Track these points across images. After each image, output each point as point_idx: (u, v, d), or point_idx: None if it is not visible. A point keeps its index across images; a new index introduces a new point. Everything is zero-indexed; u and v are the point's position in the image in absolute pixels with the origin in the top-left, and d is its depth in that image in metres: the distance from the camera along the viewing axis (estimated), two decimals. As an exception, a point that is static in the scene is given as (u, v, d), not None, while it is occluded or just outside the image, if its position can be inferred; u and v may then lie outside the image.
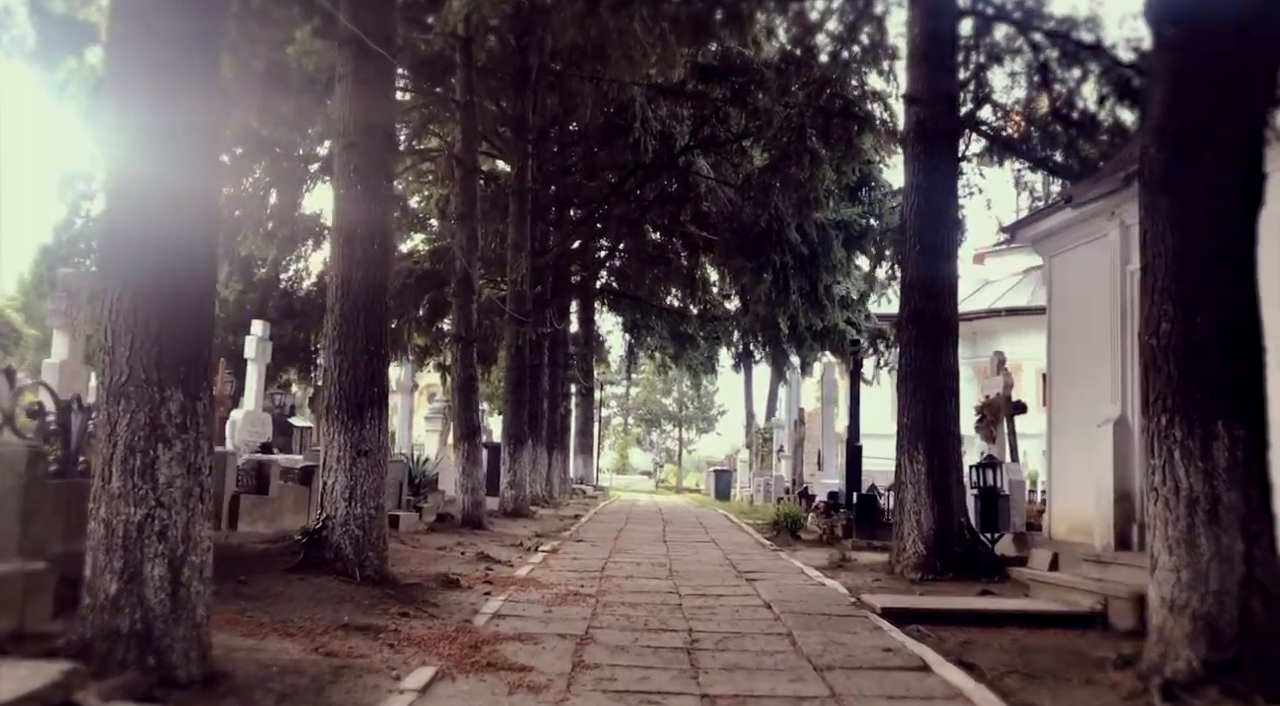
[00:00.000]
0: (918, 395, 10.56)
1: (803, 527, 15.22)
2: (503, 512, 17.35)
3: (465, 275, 13.95)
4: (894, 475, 10.93)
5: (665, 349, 33.40)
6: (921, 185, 10.70)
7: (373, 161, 7.70)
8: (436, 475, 15.50)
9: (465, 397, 13.88)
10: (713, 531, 16.27)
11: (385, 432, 7.63)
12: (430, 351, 30.16)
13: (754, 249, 17.63)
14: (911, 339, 10.66)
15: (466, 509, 13.82)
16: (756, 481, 28.83)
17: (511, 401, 17.53)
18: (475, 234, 14.04)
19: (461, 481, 13.89)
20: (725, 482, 36.52)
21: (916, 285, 10.69)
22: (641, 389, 66.14)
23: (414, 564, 9.08)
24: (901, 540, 10.47)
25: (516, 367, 17.59)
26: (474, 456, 13.90)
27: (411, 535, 11.75)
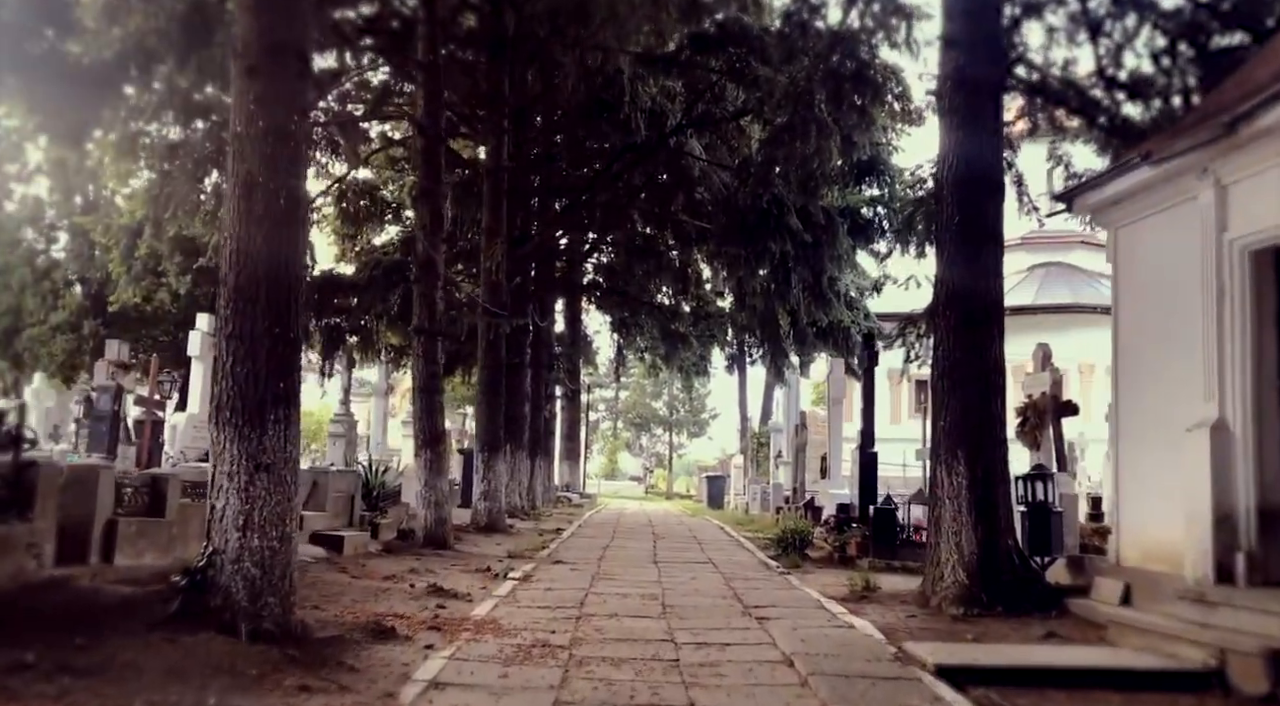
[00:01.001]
0: (956, 393, 8.90)
1: (810, 544, 13.54)
2: (475, 527, 15.62)
3: (428, 259, 12.24)
4: (928, 488, 9.27)
5: (656, 349, 31.75)
6: (960, 144, 9.05)
7: (281, 92, 5.99)
8: (399, 487, 13.78)
9: (428, 399, 12.17)
10: (709, 548, 14.57)
11: (295, 441, 5.91)
12: (405, 351, 28.45)
13: (752, 235, 15.96)
14: (949, 327, 9.00)
15: (429, 526, 12.10)
16: (752, 489, 27.15)
17: (485, 403, 15.82)
18: (440, 211, 12.35)
19: (424, 494, 12.17)
20: (718, 489, 34.82)
21: (955, 263, 9.04)
22: (631, 392, 64.45)
23: (346, 602, 7.35)
24: (938, 566, 8.80)
25: (491, 366, 15.88)
26: (437, 466, 12.18)
27: (359, 560, 10.01)
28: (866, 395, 13.78)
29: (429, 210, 12.28)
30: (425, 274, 12.23)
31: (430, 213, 12.26)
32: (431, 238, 12.23)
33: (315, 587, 7.79)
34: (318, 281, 20.55)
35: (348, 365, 25.47)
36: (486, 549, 13.04)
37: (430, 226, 12.26)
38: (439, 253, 12.32)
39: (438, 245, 12.31)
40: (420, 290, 12.28)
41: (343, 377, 26.65)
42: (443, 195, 12.51)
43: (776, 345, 20.54)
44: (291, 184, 6.00)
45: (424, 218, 12.36)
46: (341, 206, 22.72)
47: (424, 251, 12.24)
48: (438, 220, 12.34)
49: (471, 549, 12.82)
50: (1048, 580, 8.88)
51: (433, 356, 12.20)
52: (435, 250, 12.21)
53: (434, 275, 12.22)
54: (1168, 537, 7.57)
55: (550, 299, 26.89)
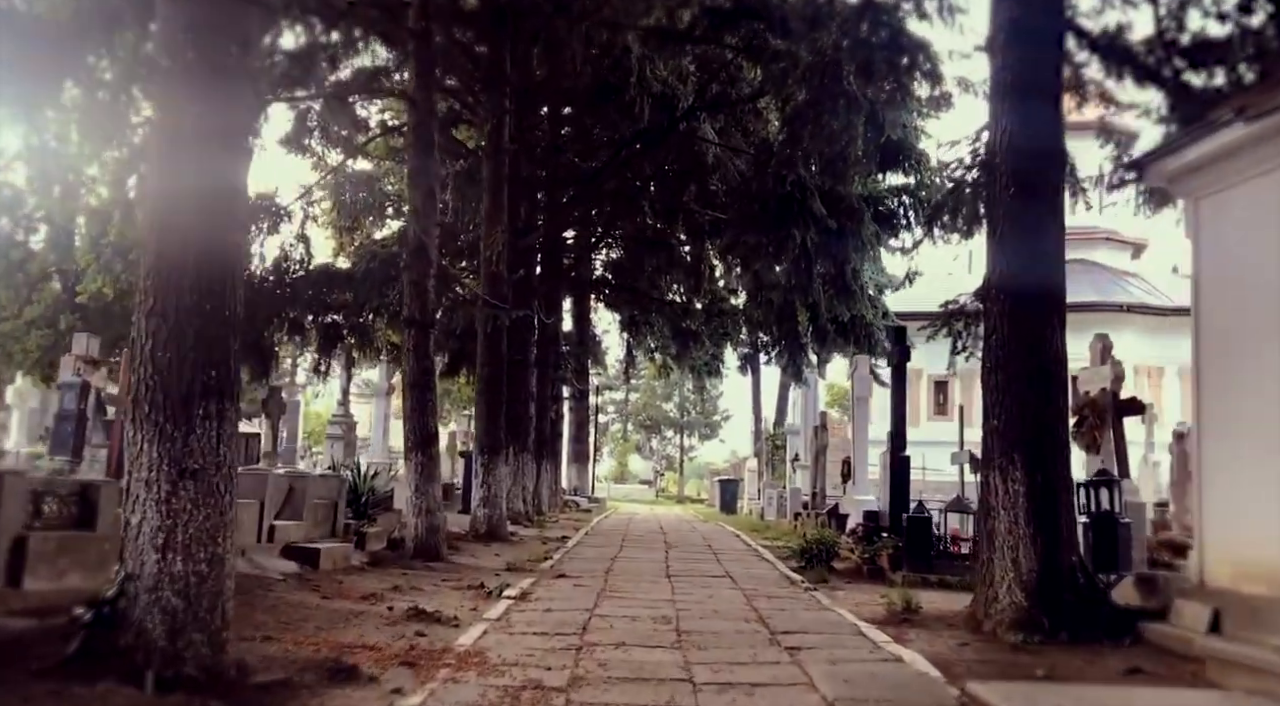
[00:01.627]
0: (1012, 389, 7.80)
1: (836, 555, 12.44)
2: (473, 535, 14.57)
3: (419, 244, 11.19)
4: (979, 496, 8.17)
5: (666, 349, 30.68)
6: (1015, 106, 7.96)
7: (216, 17, 4.94)
8: (390, 492, 12.72)
9: (419, 397, 11.12)
10: (726, 559, 13.48)
11: (231, 441, 4.86)
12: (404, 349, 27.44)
13: (771, 223, 14.86)
14: (1002, 313, 7.90)
15: (420, 536, 11.06)
16: (768, 493, 26.04)
17: (485, 403, 14.78)
18: (433, 192, 11.31)
19: (415, 501, 11.12)
20: (731, 494, 33.70)
21: (1009, 241, 7.94)
22: (641, 394, 63.39)
23: (308, 631, 6.29)
24: (991, 585, 7.70)
25: (491, 363, 14.84)
26: (429, 470, 11.13)
27: (336, 575, 8.95)
28: (897, 394, 12.68)
29: (421, 190, 11.24)
30: (416, 260, 11.19)
31: (422, 193, 11.22)
32: (424, 220, 11.19)
33: (275, 612, 6.74)
34: (312, 275, 19.53)
35: (346, 364, 24.45)
36: (484, 560, 11.98)
37: (422, 208, 11.22)
38: (431, 237, 11.29)
39: (430, 229, 11.27)
40: (411, 278, 11.23)
41: (341, 377, 25.65)
42: (436, 174, 11.48)
43: (795, 342, 19.43)
44: (227, 128, 4.95)
45: (415, 199, 11.32)
46: (339, 198, 21.75)
47: (415, 235, 11.20)
48: (430, 201, 11.30)
49: (467, 560, 11.76)
50: (1115, 601, 7.78)
51: (424, 350, 11.16)
52: (427, 234, 11.17)
53: (426, 262, 11.17)
54: (1270, 556, 6.47)
55: (557, 296, 25.85)
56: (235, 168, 5.08)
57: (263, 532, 8.73)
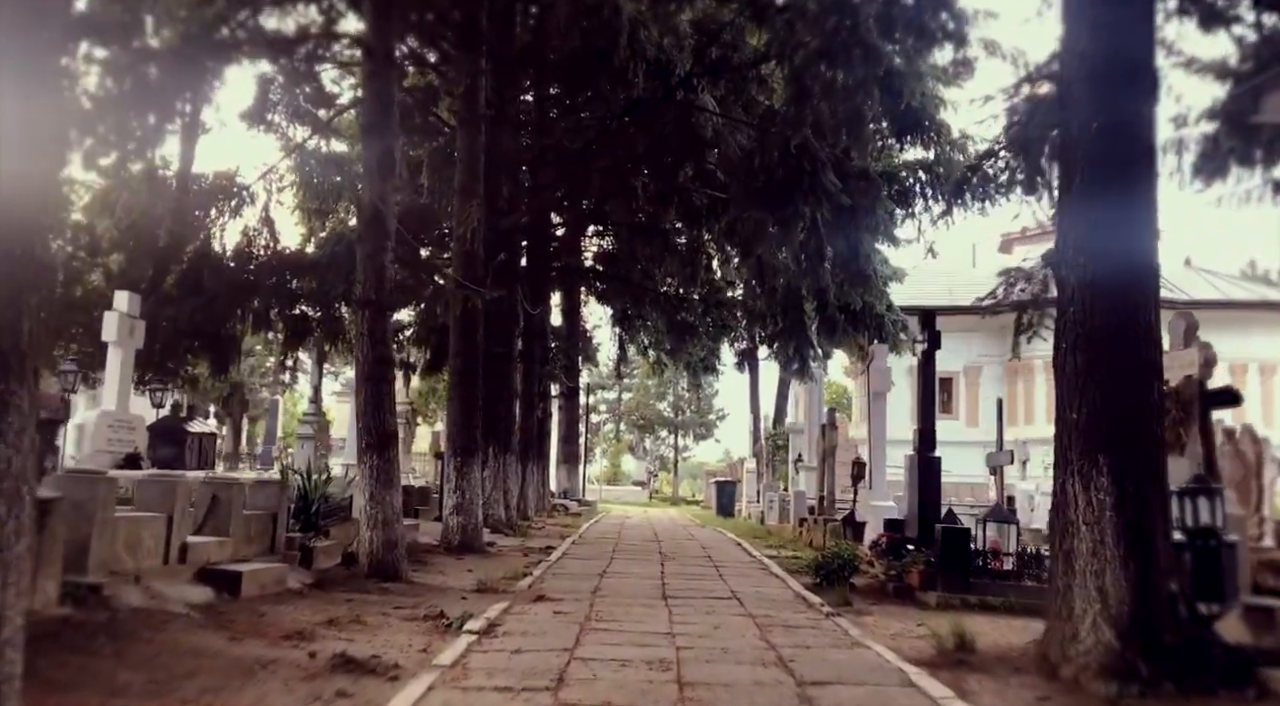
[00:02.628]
0: (1095, 376, 6.25)
1: (856, 570, 10.90)
2: (445, 548, 13.00)
3: (375, 212, 9.61)
4: (1052, 508, 6.63)
5: (660, 344, 29.16)
6: (1096, 22, 6.41)
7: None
8: (349, 500, 11.11)
9: (375, 390, 9.55)
10: (729, 573, 11.92)
11: (20, 438, 3.28)
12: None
13: (777, 198, 13.31)
14: (1083, 282, 6.35)
15: (375, 551, 9.48)
16: (769, 496, 24.49)
17: (459, 398, 13.21)
18: (392, 153, 9.74)
19: (369, 511, 9.54)
20: (728, 496, 32.15)
21: (1089, 193, 6.39)
22: (635, 393, 61.84)
23: (186, 694, 4.71)
24: (1070, 619, 6.16)
25: (465, 352, 13.27)
26: (387, 475, 9.55)
27: (259, 605, 7.36)
28: (924, 386, 11.14)
29: (377, 149, 9.66)
30: (371, 231, 9.61)
31: (378, 153, 9.64)
32: (380, 184, 9.62)
33: (152, 664, 5.16)
34: (274, 262, 17.94)
35: (318, 359, 22.86)
36: (452, 578, 10.40)
37: (379, 170, 9.64)
38: (389, 205, 9.72)
39: (388, 195, 9.69)
40: (365, 251, 9.65)
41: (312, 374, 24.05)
42: (395, 131, 9.91)
43: (801, 334, 17.87)
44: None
45: (370, 159, 9.75)
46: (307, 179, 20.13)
47: (370, 202, 9.63)
48: (388, 163, 9.72)
49: (432, 579, 10.18)
50: (1224, 640, 6.25)
51: (381, 335, 9.58)
52: (384, 200, 9.59)
53: (382, 232, 9.60)
54: None
55: (544, 286, 24.30)
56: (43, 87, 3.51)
57: (171, 553, 7.16)
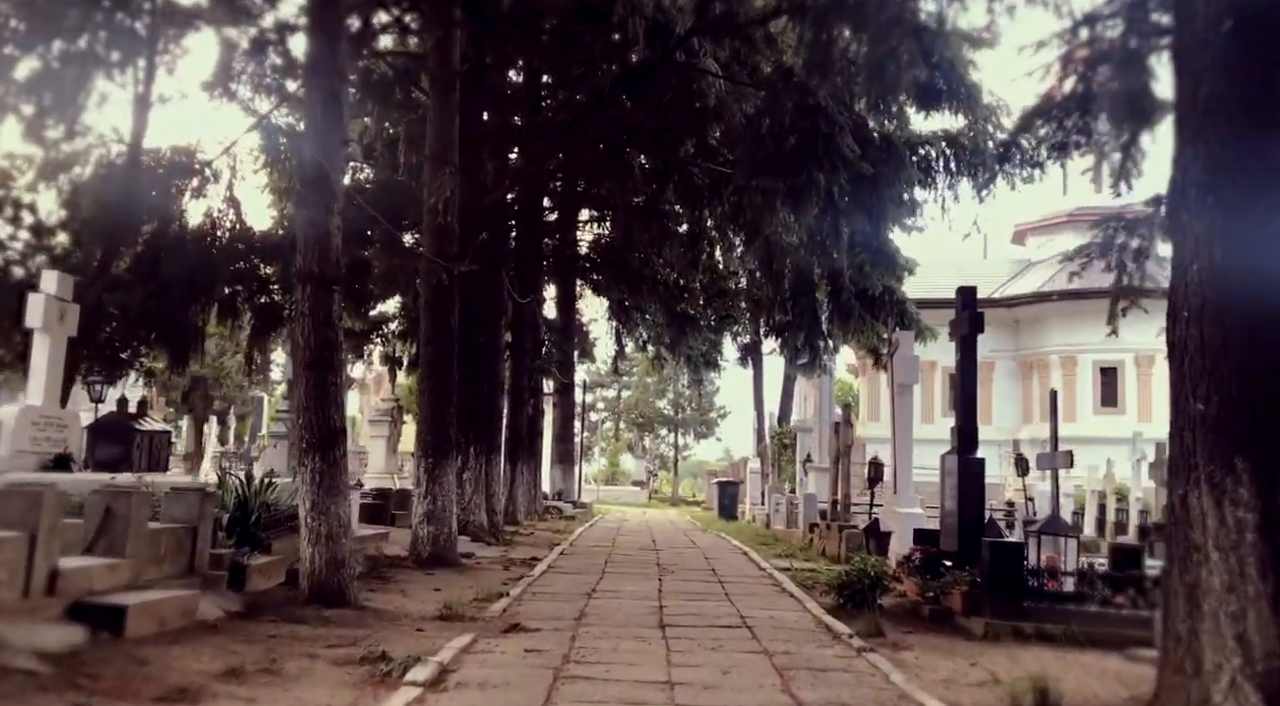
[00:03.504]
0: (1229, 354, 4.74)
1: (885, 589, 9.37)
2: (414, 560, 11.48)
3: (317, 169, 8.08)
4: (1168, 525, 5.11)
5: (660, 338, 27.72)
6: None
7: None
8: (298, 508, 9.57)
9: (318, 380, 8.03)
10: (737, 591, 10.39)
11: None
12: (367, 336, 24.38)
13: (790, 165, 11.78)
14: (1210, 230, 4.83)
15: (318, 571, 7.96)
16: (775, 499, 22.96)
17: (430, 391, 11.69)
18: (338, 96, 8.20)
19: (310, 523, 8.01)
20: (730, 497, 30.57)
21: (1223, 109, 4.86)
22: (634, 390, 60.33)
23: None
24: (1197, 676, 4.66)
25: (438, 338, 11.76)
26: (332, 481, 8.02)
27: (144, 648, 5.80)
28: (964, 377, 9.60)
29: (319, 94, 8.13)
30: (312, 191, 8.09)
31: (322, 97, 8.11)
32: (324, 136, 8.09)
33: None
34: (236, 245, 16.42)
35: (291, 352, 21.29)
36: (413, 600, 8.89)
37: (322, 119, 8.11)
38: (336, 161, 8.21)
39: (334, 148, 8.17)
40: (306, 216, 8.13)
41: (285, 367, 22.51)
42: (344, 74, 8.38)
43: (812, 322, 16.36)
44: None
45: (313, 106, 8.23)
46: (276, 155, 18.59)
47: (311, 158, 8.10)
48: (334, 110, 8.17)
49: (388, 602, 8.66)
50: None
51: (325, 315, 8.05)
52: (329, 157, 8.07)
53: (326, 193, 8.07)
54: None
55: (537, 276, 22.75)
56: None
57: (34, 582, 5.63)
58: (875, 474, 16.09)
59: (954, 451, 9.41)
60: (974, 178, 14.90)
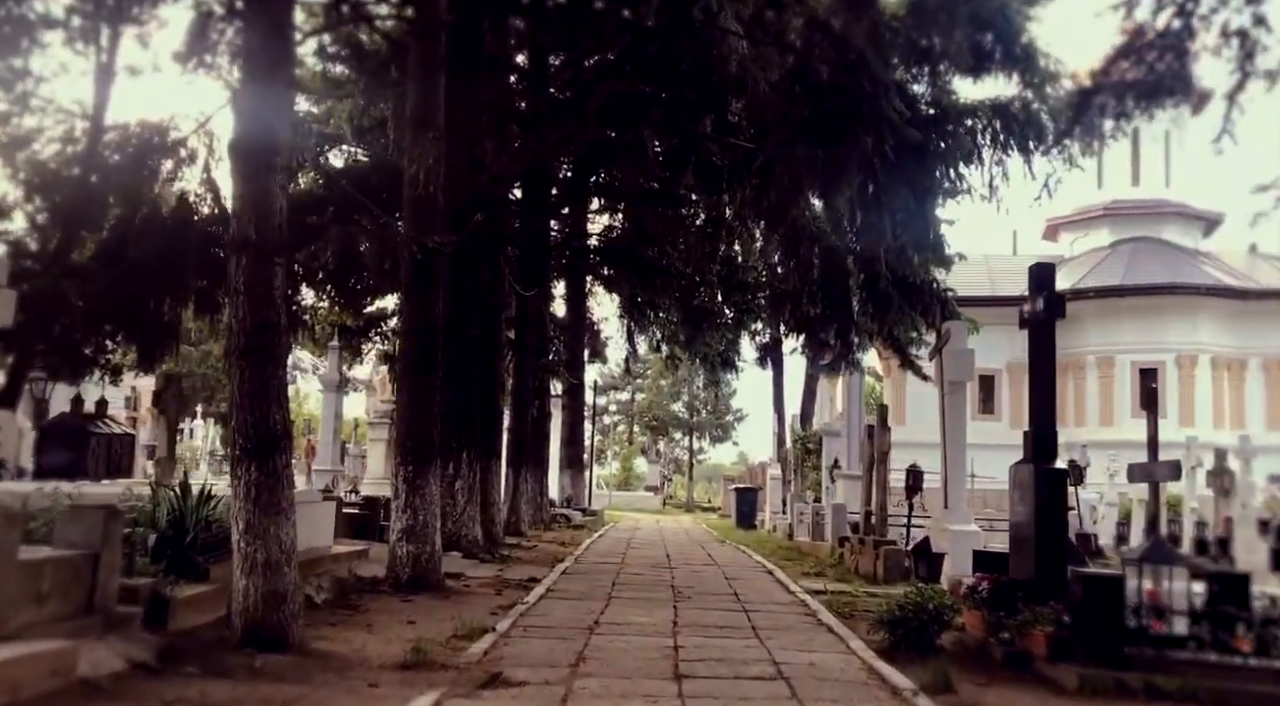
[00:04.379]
0: None
1: (945, 624, 7.78)
2: (391, 583, 9.96)
3: (256, 116, 6.57)
4: None
5: (674, 336, 26.17)
6: None
7: None
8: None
9: (254, 370, 6.52)
10: (766, 624, 8.82)
11: None
12: (363, 334, 22.91)
13: (828, 130, 10.22)
14: None
15: (253, 607, 6.44)
16: (798, 508, 21.37)
17: (409, 389, 10.17)
18: (283, 29, 6.69)
19: (245, 548, 6.50)
20: (749, 505, 29.06)
21: None
22: (647, 393, 58.75)
23: None
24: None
25: (420, 329, 10.25)
26: (270, 495, 6.51)
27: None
28: (1040, 369, 8.03)
29: (260, 22, 6.60)
30: (248, 141, 6.58)
31: (263, 28, 6.58)
32: (262, 75, 6.58)
33: None
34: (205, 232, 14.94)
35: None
36: (377, 640, 7.36)
37: (259, 51, 6.60)
38: (283, 105, 6.72)
39: (276, 90, 6.66)
40: (242, 171, 6.64)
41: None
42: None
43: (844, 314, 14.78)
44: None
45: (251, 34, 6.71)
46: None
47: (247, 102, 6.60)
48: (276, 43, 6.65)
49: (345, 642, 7.13)
50: None
51: (264, 293, 6.55)
52: (270, 101, 6.57)
53: (267, 146, 6.56)
54: None
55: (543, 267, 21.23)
56: None
57: None
58: (914, 483, 14.51)
59: (1029, 460, 7.81)
60: (1025, 153, 13.27)
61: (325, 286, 19.60)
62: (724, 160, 15.98)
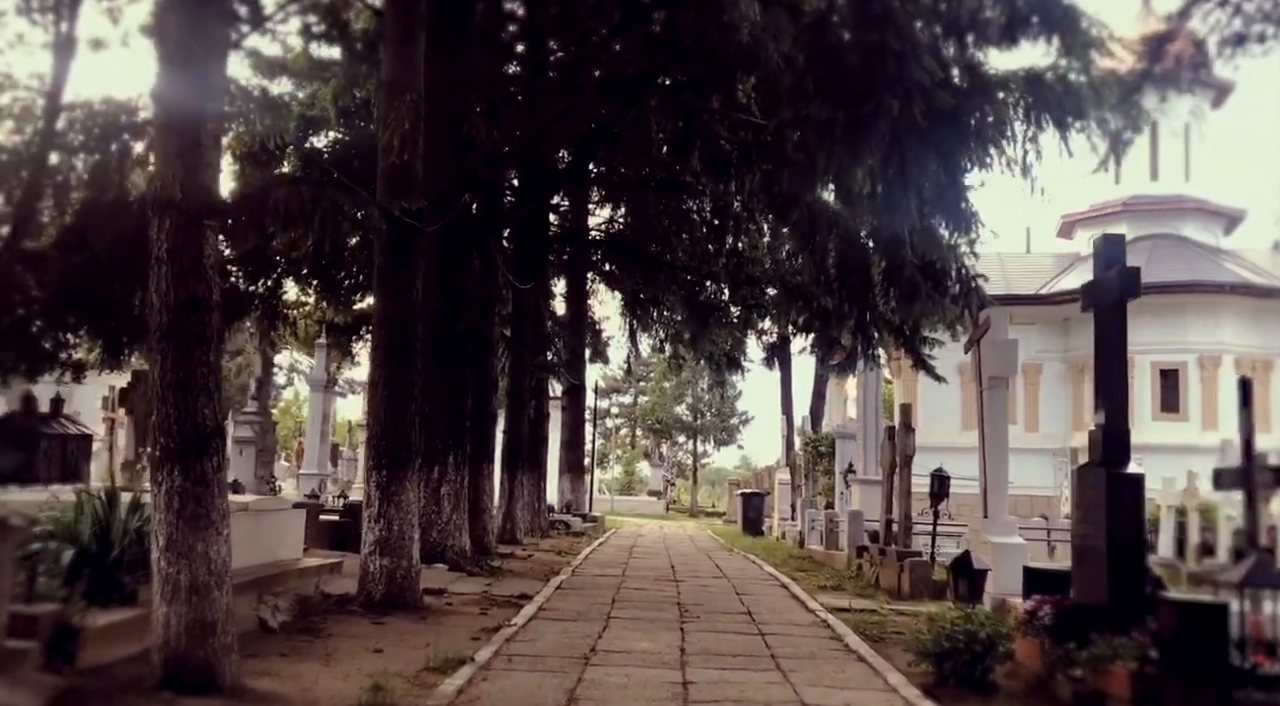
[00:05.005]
0: None
1: (998, 656, 6.64)
2: (363, 602, 8.84)
3: (184, 51, 5.47)
4: None
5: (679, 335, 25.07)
6: None
7: None
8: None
9: (178, 354, 5.44)
10: (788, 652, 7.67)
11: None
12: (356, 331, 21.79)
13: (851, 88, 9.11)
14: None
15: (174, 639, 5.34)
16: (810, 514, 20.23)
17: (384, 384, 9.04)
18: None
19: (166, 569, 5.40)
20: (756, 510, 27.87)
21: None
22: (650, 395, 57.61)
23: None
24: None
25: (395, 317, 9.12)
26: (198, 505, 5.41)
27: None
28: (1110, 357, 6.91)
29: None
30: (172, 78, 5.48)
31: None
32: (189, 6, 5.50)
33: None
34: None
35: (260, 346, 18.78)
36: (334, 672, 6.25)
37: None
38: (213, 39, 5.62)
39: (209, 25, 5.58)
40: (163, 118, 5.55)
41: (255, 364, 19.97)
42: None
43: (863, 308, 13.65)
44: None
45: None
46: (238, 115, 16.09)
47: (172, 44, 5.52)
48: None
49: (286, 683, 5.99)
50: None
51: (192, 263, 5.46)
52: (198, 28, 5.49)
53: (193, 81, 5.48)
54: None
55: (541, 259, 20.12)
56: None
57: None
58: (939, 489, 13.36)
59: (1099, 464, 6.68)
60: (1062, 128, 12.11)
61: (310, 281, 18.50)
62: (732, 143, 14.89)
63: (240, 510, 9.05)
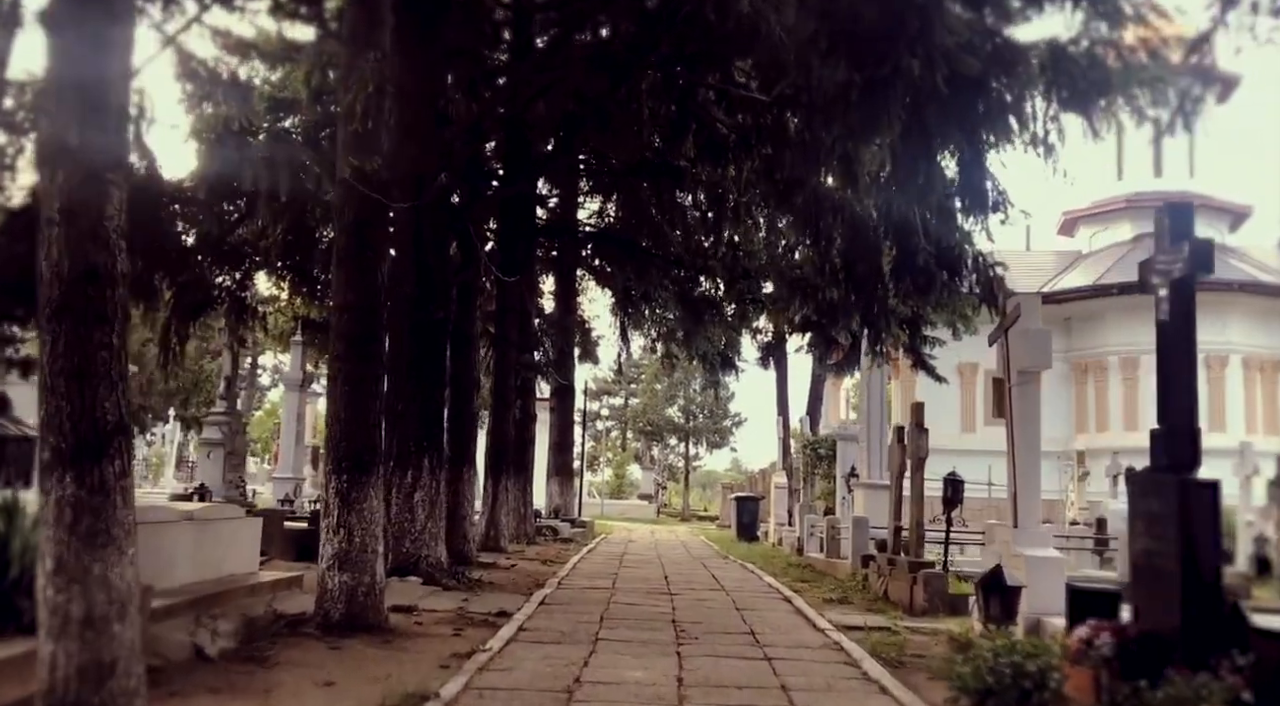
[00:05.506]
0: None
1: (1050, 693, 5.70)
2: (320, 623, 7.85)
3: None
4: None
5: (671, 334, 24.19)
6: None
7: None
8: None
9: (72, 335, 4.50)
10: (801, 687, 6.69)
11: None
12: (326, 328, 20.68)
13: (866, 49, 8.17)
14: None
15: (64, 683, 4.36)
16: (808, 520, 19.28)
17: (346, 379, 8.07)
18: None
19: (54, 598, 4.42)
20: (751, 515, 26.92)
21: None
22: (642, 397, 56.69)
23: None
24: None
25: (358, 304, 8.15)
26: (95, 521, 4.46)
27: None
28: (1179, 347, 6.01)
29: None
30: (71, 12, 4.53)
31: None
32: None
33: None
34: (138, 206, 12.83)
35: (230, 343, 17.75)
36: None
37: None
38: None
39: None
40: (58, 49, 4.59)
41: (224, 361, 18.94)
42: None
43: (870, 297, 12.71)
44: None
45: None
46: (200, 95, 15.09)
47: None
48: None
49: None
50: None
51: (90, 226, 4.51)
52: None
53: (100, 17, 4.53)
54: None
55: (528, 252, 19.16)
56: None
57: None
58: (952, 494, 12.46)
59: (1165, 467, 5.77)
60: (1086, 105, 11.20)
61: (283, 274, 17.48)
62: (729, 127, 13.97)
63: (183, 519, 8.08)
